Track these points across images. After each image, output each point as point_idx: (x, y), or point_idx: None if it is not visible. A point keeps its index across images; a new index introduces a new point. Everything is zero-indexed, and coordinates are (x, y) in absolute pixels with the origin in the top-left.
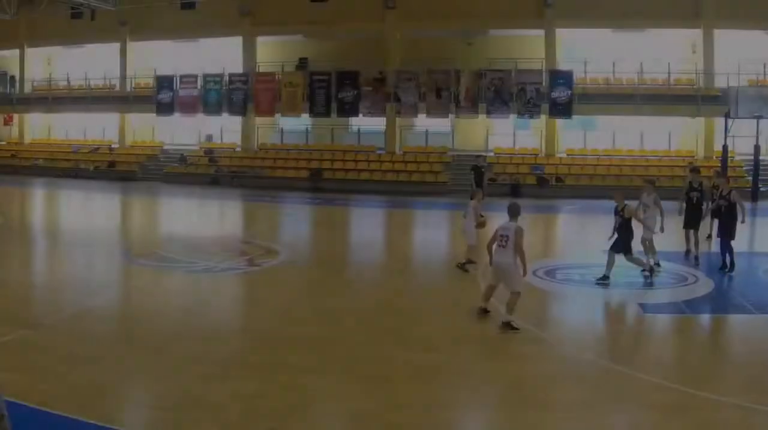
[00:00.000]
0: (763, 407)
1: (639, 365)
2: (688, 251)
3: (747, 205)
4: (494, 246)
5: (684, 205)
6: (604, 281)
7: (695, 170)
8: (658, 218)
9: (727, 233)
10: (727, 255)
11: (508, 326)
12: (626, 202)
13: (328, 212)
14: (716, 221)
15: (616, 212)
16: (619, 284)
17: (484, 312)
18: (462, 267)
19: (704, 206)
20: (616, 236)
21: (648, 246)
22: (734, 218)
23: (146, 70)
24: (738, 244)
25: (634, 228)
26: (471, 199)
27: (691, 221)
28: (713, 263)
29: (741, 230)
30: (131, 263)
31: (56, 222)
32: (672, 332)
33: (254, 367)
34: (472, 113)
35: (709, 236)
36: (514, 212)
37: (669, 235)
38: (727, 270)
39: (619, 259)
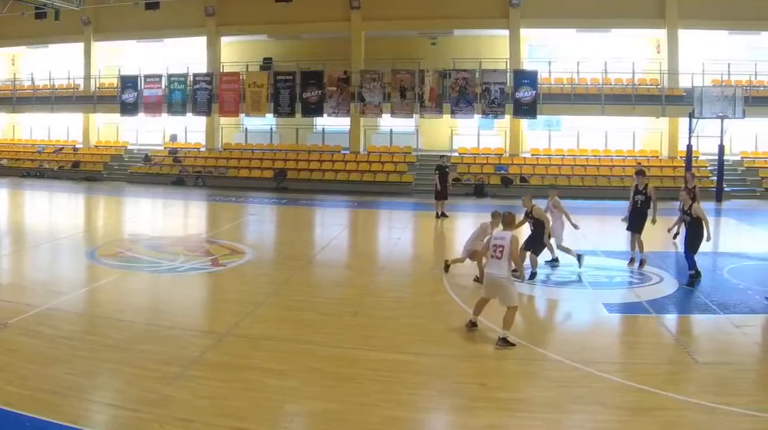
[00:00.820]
0: (728, 408)
1: (603, 365)
2: (632, 260)
3: (710, 219)
4: (487, 257)
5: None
6: (531, 279)
7: (641, 173)
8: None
9: (689, 243)
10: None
11: (505, 342)
12: (534, 202)
13: (292, 212)
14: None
15: (527, 215)
16: (584, 285)
17: (473, 325)
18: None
19: (649, 210)
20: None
21: (550, 246)
22: (699, 230)
23: (111, 69)
24: (701, 244)
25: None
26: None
27: (634, 225)
28: (679, 264)
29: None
30: (96, 263)
31: (20, 222)
32: (636, 332)
33: (218, 367)
34: (436, 113)
35: (676, 235)
36: (508, 221)
37: (628, 235)
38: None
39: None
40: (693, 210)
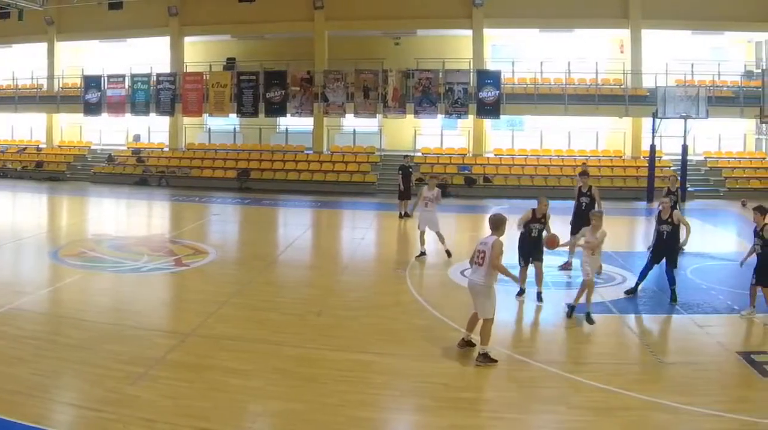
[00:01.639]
0: (692, 408)
1: (567, 365)
2: (568, 264)
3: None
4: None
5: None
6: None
7: (584, 174)
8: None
9: (670, 257)
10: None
11: (486, 358)
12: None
13: (256, 212)
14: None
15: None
16: (547, 285)
17: (467, 344)
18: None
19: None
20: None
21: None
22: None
23: (74, 69)
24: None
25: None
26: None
27: (576, 228)
28: (641, 263)
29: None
30: (59, 263)
31: None
32: (600, 333)
33: (182, 367)
34: (399, 113)
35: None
36: (495, 225)
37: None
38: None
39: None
40: (674, 217)
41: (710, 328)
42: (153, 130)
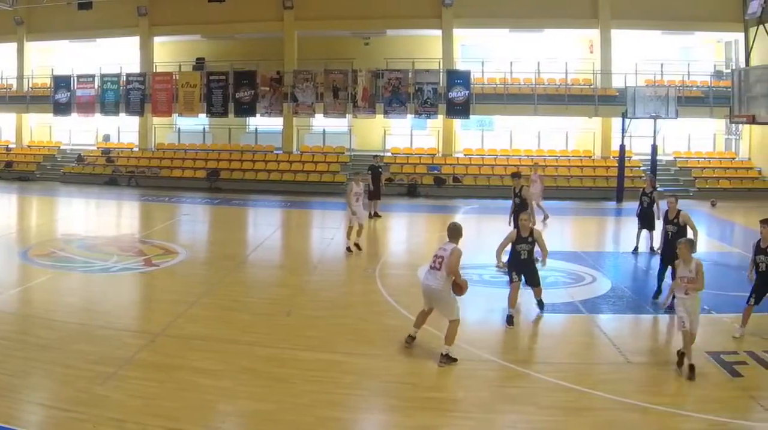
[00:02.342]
0: (662, 408)
1: (536, 365)
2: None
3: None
4: (426, 267)
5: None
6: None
7: (516, 176)
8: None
9: (666, 258)
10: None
11: (447, 358)
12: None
13: (225, 212)
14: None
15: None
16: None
17: (411, 340)
18: (357, 247)
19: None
20: None
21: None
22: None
23: (44, 69)
24: (633, 244)
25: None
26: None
27: (515, 224)
28: (611, 263)
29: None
30: (28, 263)
31: None
32: (569, 332)
33: (152, 367)
34: (369, 113)
35: (636, 250)
36: (453, 233)
37: (562, 235)
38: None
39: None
40: (681, 218)
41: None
42: (123, 130)
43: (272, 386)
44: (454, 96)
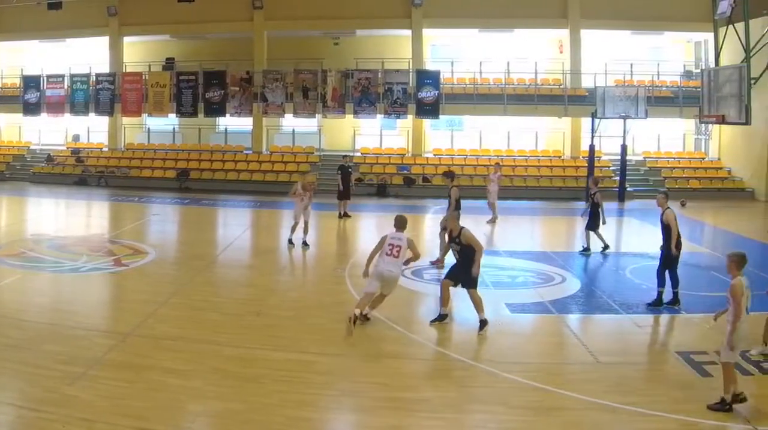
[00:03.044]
0: (632, 408)
1: (506, 365)
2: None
3: (611, 219)
4: (381, 255)
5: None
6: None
7: (446, 175)
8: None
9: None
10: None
11: (364, 317)
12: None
13: (195, 212)
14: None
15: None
16: (486, 285)
17: (365, 319)
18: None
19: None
20: None
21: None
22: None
23: (13, 69)
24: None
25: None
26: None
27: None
28: (580, 263)
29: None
30: None
31: None
32: (539, 332)
33: (121, 367)
34: (339, 113)
35: (586, 249)
36: (401, 224)
37: (532, 235)
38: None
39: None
40: (664, 218)
41: (649, 328)
42: (92, 130)
43: (242, 386)
44: (423, 96)
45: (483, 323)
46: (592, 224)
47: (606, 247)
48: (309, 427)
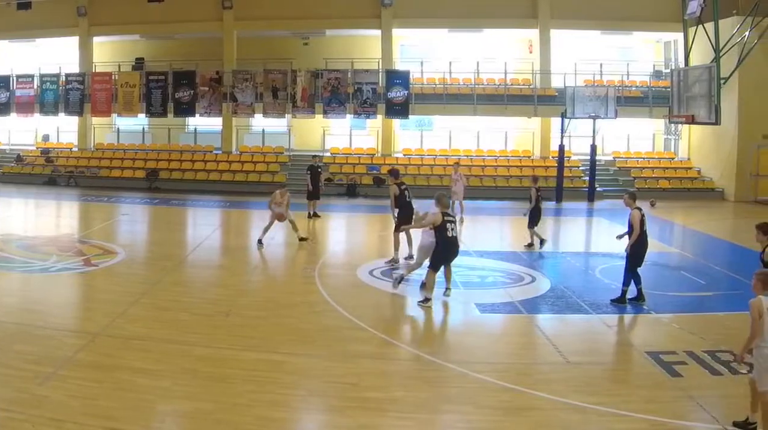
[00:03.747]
0: (601, 408)
1: (476, 365)
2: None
3: (582, 219)
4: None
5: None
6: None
7: (390, 174)
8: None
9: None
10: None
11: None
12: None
13: (165, 212)
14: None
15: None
16: (456, 285)
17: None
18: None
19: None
20: None
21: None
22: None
23: None
24: (574, 244)
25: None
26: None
27: (402, 221)
28: (550, 263)
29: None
30: None
31: None
32: (508, 333)
33: (91, 367)
34: (308, 113)
35: (530, 245)
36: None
37: (502, 235)
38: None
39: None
40: (630, 218)
41: (618, 328)
42: (62, 130)
43: (211, 386)
44: (393, 96)
45: (426, 300)
46: (530, 221)
47: (543, 241)
48: (279, 427)
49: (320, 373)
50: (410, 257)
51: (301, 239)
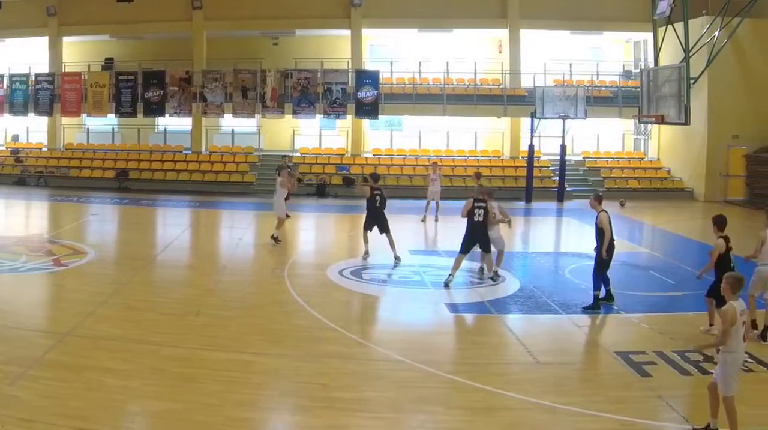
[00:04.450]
0: (571, 408)
1: (446, 365)
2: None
3: (552, 219)
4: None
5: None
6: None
7: (373, 177)
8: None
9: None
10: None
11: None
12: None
13: (134, 212)
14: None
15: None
16: (425, 284)
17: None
18: (275, 239)
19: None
20: None
21: None
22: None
23: None
24: (543, 244)
25: None
26: (278, 175)
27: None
28: (520, 264)
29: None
30: None
31: None
32: (478, 333)
33: (60, 367)
34: (278, 113)
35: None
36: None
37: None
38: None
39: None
40: (599, 220)
41: (588, 328)
42: (32, 130)
43: (181, 386)
44: (363, 96)
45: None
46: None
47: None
48: (249, 427)
49: (290, 373)
50: (367, 253)
51: (274, 238)
